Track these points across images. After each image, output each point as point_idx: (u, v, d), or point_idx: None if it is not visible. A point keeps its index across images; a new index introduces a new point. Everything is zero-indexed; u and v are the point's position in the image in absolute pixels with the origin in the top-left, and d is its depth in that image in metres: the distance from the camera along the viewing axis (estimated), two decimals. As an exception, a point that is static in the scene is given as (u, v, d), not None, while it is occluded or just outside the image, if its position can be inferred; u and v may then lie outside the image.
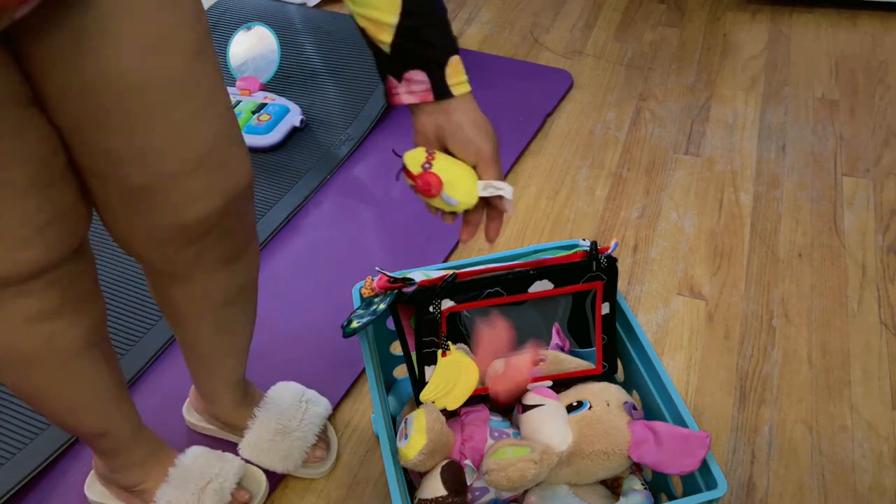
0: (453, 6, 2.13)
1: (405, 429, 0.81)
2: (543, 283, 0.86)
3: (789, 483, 1.06)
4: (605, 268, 0.88)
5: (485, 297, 0.86)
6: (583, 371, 0.92)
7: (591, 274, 0.88)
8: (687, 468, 0.76)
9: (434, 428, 0.79)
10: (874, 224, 1.43)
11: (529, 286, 0.86)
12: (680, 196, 1.52)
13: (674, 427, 0.80)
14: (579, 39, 1.99)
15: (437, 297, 0.83)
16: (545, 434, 0.80)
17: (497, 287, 0.85)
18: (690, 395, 1.17)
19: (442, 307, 0.84)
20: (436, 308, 0.84)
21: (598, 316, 0.91)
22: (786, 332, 1.25)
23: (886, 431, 1.11)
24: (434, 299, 0.84)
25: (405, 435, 0.81)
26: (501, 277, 0.86)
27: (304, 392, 1.09)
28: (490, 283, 0.85)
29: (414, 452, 0.79)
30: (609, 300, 0.90)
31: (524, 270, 0.86)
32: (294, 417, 1.04)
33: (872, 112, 1.69)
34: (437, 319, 0.84)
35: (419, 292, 0.84)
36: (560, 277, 0.87)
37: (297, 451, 1.03)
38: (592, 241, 0.88)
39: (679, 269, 1.37)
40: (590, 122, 1.71)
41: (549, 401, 0.84)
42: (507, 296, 0.86)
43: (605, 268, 0.88)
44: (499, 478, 0.74)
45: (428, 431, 0.79)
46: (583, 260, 0.88)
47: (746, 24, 2.00)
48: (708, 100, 1.76)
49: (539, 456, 0.74)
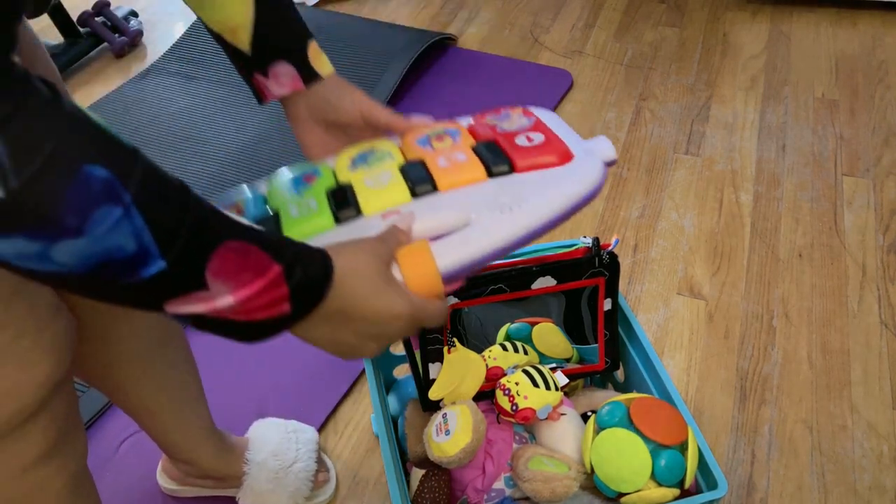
0: (453, 6, 2.13)
1: (444, 424, 0.81)
2: (546, 279, 0.87)
3: (789, 483, 1.06)
4: (606, 264, 0.88)
5: (488, 294, 0.86)
6: (586, 367, 0.92)
7: (593, 270, 0.88)
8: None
9: (479, 428, 0.80)
10: (874, 224, 1.43)
11: (532, 282, 0.87)
12: (680, 196, 1.52)
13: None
14: (579, 39, 1.99)
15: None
16: (568, 445, 0.82)
17: (501, 284, 0.86)
18: (690, 395, 1.17)
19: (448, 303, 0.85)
20: None
21: (600, 312, 0.91)
22: (786, 332, 1.25)
23: (886, 431, 1.11)
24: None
25: (446, 431, 0.80)
26: (505, 274, 0.86)
27: (287, 423, 1.07)
28: (493, 280, 0.85)
29: (456, 449, 0.78)
30: (611, 296, 0.90)
31: (527, 267, 0.86)
32: (289, 450, 1.02)
33: (872, 112, 1.69)
34: None
35: None
36: (562, 274, 0.87)
37: (303, 483, 1.02)
38: (594, 238, 0.89)
39: (679, 269, 1.37)
40: (590, 122, 1.71)
41: (569, 410, 0.85)
42: (511, 292, 0.86)
43: (606, 264, 0.88)
44: (543, 489, 0.76)
45: (474, 431, 0.79)
46: (585, 256, 0.88)
47: (746, 24, 2.00)
48: (708, 100, 1.76)
49: (576, 474, 0.77)
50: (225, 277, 0.42)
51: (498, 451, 0.84)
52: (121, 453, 1.11)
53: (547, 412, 0.82)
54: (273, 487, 1.00)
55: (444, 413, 0.82)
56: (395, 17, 2.10)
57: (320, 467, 1.07)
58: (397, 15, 2.11)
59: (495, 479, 0.83)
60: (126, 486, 1.07)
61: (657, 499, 0.75)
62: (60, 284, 0.38)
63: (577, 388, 0.97)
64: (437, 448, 0.80)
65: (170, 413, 0.91)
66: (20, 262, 0.36)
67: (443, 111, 1.74)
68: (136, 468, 1.09)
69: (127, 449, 1.11)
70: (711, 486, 0.77)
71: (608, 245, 0.89)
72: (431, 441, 0.80)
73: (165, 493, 1.06)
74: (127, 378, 0.83)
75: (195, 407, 0.94)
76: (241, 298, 0.43)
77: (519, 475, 0.79)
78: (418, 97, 1.78)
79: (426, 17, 2.09)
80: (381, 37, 1.87)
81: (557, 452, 0.81)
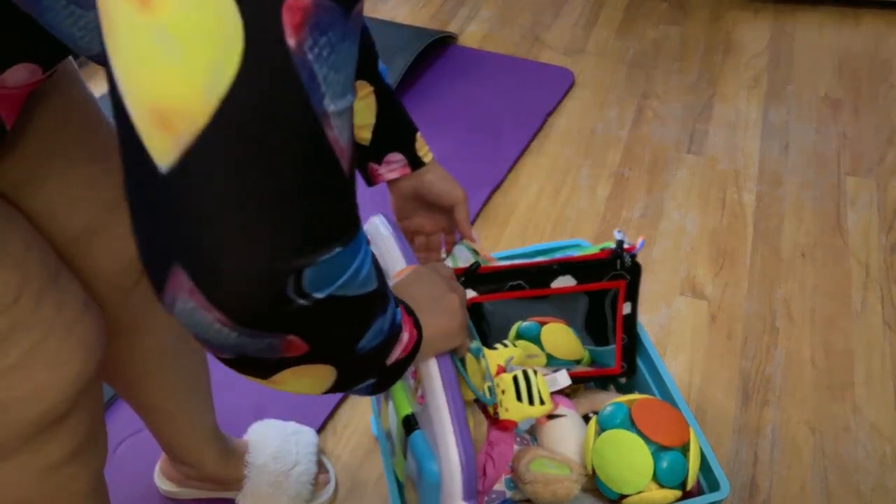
0: (454, 3, 2.13)
1: None
2: (566, 279, 0.86)
3: (792, 484, 1.05)
4: (628, 267, 0.87)
5: (507, 290, 0.85)
6: (602, 371, 0.91)
7: (614, 273, 0.87)
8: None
9: (479, 429, 0.80)
10: (877, 223, 1.42)
11: (552, 281, 0.86)
12: (682, 195, 1.51)
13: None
14: (581, 37, 1.98)
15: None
16: (569, 448, 0.81)
17: (520, 280, 0.85)
18: (693, 396, 1.16)
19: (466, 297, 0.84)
20: None
21: (619, 315, 0.90)
22: (789, 333, 1.24)
23: (890, 432, 1.10)
24: None
25: None
26: (524, 271, 0.85)
27: (286, 425, 1.06)
28: (513, 276, 0.85)
29: None
30: (631, 300, 0.90)
31: (548, 265, 0.86)
32: (290, 453, 1.02)
33: (876, 111, 1.68)
34: None
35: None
36: (583, 274, 0.87)
37: (304, 486, 1.01)
38: (619, 240, 0.87)
39: (681, 269, 1.36)
40: (591, 121, 1.71)
41: (570, 412, 0.84)
42: (530, 289, 0.86)
43: (628, 267, 0.87)
44: (544, 491, 0.75)
45: (474, 432, 0.78)
46: (607, 258, 0.87)
47: (749, 23, 1.99)
48: (710, 98, 1.75)
49: (577, 476, 0.77)
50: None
51: (499, 453, 0.83)
52: (119, 453, 1.10)
53: (528, 424, 0.82)
54: (273, 491, 0.99)
55: None
56: (395, 14, 2.09)
57: (320, 469, 1.06)
58: (397, 13, 2.10)
59: (496, 481, 0.82)
60: (125, 487, 1.06)
61: (659, 500, 0.74)
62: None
63: (579, 390, 0.96)
64: None
65: (183, 414, 0.91)
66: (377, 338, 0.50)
67: (443, 110, 1.74)
68: (135, 469, 1.08)
69: (126, 449, 1.11)
70: (713, 487, 0.77)
71: (633, 248, 0.88)
72: None
73: (163, 495, 1.05)
74: (147, 375, 0.84)
75: (206, 409, 0.94)
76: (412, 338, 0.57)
77: (520, 477, 0.78)
78: (418, 96, 1.77)
79: (426, 15, 2.09)
80: (381, 35, 1.84)
81: (559, 454, 0.80)
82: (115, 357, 0.79)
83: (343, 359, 0.47)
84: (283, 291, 0.38)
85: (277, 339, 0.40)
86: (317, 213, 0.38)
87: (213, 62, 0.33)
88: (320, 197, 0.38)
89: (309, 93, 0.36)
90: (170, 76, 0.33)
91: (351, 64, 0.39)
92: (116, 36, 0.34)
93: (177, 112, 0.33)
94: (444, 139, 1.64)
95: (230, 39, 0.33)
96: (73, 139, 0.65)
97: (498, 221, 1.47)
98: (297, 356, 0.43)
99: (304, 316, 0.40)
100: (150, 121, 0.34)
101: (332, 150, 0.38)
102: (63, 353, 0.60)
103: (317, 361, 0.45)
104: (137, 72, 0.34)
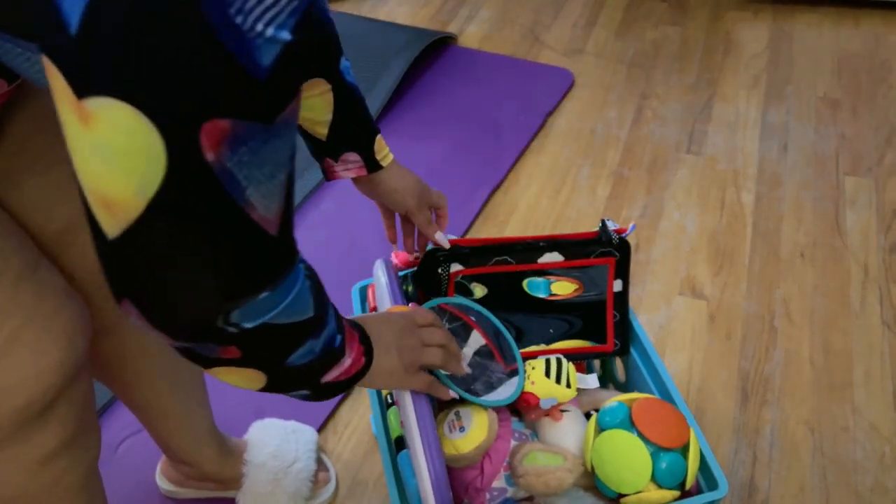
0: (453, 4, 2.13)
1: (458, 421, 0.81)
2: (553, 254, 0.87)
3: (791, 484, 1.05)
4: (616, 244, 0.88)
5: (493, 264, 0.86)
6: (595, 348, 0.92)
7: (602, 249, 0.88)
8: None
9: (493, 426, 0.80)
10: (876, 224, 1.42)
11: (539, 257, 0.86)
12: (682, 195, 1.51)
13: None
14: (580, 38, 1.98)
15: (446, 260, 0.85)
16: (570, 442, 0.82)
17: (506, 255, 0.86)
18: (692, 395, 1.16)
19: (451, 270, 0.85)
20: (444, 271, 0.85)
21: (609, 293, 0.90)
22: (788, 333, 1.25)
23: (889, 432, 1.10)
24: (443, 263, 0.85)
25: (460, 427, 0.80)
26: (510, 246, 0.86)
27: (286, 424, 1.06)
28: (499, 252, 0.85)
29: (472, 446, 0.78)
30: (621, 277, 0.90)
31: (535, 241, 0.86)
32: (289, 451, 1.02)
33: (875, 111, 1.68)
34: (444, 281, 0.85)
35: (428, 255, 0.86)
36: (571, 251, 0.87)
37: (303, 484, 1.01)
38: (603, 219, 0.89)
39: (681, 269, 1.36)
40: (591, 121, 1.71)
41: (572, 408, 0.85)
42: (516, 264, 0.86)
43: (616, 244, 0.88)
44: (536, 482, 0.76)
45: (489, 428, 0.79)
46: (595, 237, 0.88)
47: (748, 23, 1.99)
48: (710, 99, 1.75)
49: (571, 465, 0.77)
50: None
51: (495, 450, 0.83)
52: (119, 453, 1.10)
53: (550, 404, 0.82)
54: (272, 488, 0.99)
55: (456, 410, 0.82)
56: (395, 15, 2.09)
57: (320, 467, 1.06)
58: (397, 14, 2.10)
59: (494, 477, 0.83)
60: (125, 487, 1.06)
61: (657, 500, 0.75)
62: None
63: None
64: (452, 445, 0.79)
65: (179, 413, 0.91)
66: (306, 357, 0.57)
67: (443, 110, 1.74)
68: (135, 468, 1.08)
69: (126, 449, 1.11)
70: (712, 486, 0.77)
71: (624, 230, 0.89)
72: (444, 438, 0.80)
73: (164, 494, 1.06)
74: (140, 374, 0.84)
75: (202, 408, 0.94)
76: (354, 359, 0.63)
77: (514, 471, 0.79)
78: (418, 96, 1.77)
79: (426, 16, 2.09)
80: (381, 36, 1.87)
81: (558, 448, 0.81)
82: (105, 356, 0.79)
83: (272, 368, 0.55)
84: (214, 324, 0.47)
85: (215, 345, 0.49)
86: (239, 273, 0.47)
87: (141, 173, 0.40)
88: (243, 260, 0.46)
89: (231, 192, 0.43)
90: (109, 178, 0.41)
91: (282, 150, 0.45)
92: (69, 137, 0.41)
93: (116, 203, 0.41)
94: (444, 139, 1.64)
95: (154, 157, 0.40)
96: (53, 142, 0.65)
97: (498, 221, 1.48)
98: (231, 359, 0.52)
99: (234, 337, 0.49)
100: (98, 203, 0.42)
101: (257, 224, 0.45)
102: (45, 341, 0.61)
103: (248, 367, 0.54)
104: (85, 167, 0.41)
